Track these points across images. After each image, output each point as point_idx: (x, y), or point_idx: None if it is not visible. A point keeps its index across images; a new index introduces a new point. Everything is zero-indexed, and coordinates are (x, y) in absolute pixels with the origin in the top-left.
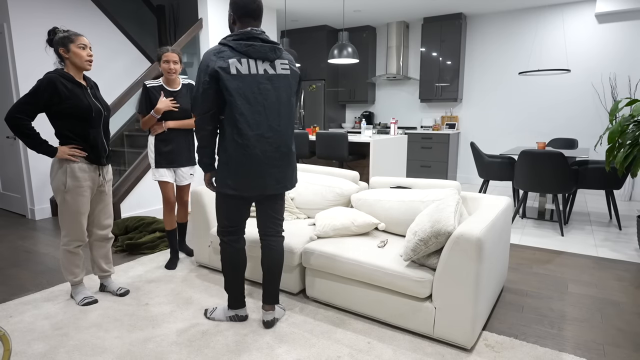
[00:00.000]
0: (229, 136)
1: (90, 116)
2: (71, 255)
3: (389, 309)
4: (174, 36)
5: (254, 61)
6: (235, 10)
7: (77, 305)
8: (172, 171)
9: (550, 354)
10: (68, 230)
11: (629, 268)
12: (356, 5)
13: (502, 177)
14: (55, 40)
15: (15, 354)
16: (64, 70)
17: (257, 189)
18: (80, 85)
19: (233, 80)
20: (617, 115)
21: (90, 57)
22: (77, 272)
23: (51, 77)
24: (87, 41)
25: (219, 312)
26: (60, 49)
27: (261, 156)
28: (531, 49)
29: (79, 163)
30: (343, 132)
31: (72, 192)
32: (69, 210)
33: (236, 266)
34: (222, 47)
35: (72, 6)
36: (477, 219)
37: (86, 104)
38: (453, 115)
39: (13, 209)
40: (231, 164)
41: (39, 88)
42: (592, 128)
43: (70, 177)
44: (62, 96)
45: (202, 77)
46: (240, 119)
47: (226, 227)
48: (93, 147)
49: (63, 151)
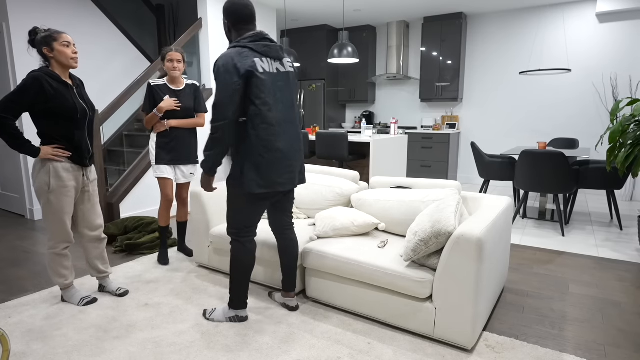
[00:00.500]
0: (258, 135)
1: (75, 117)
2: (59, 258)
3: (389, 310)
4: (173, 36)
5: (271, 60)
6: (230, 18)
7: (77, 306)
8: (172, 169)
9: (551, 355)
10: (54, 233)
11: (630, 268)
12: (356, 4)
13: (502, 177)
14: (37, 40)
15: (14, 355)
16: (49, 69)
17: (288, 184)
18: (67, 85)
19: (262, 79)
20: (618, 115)
21: (75, 54)
22: (66, 274)
23: (37, 76)
24: (71, 38)
25: (218, 313)
26: (44, 49)
27: (287, 151)
28: (532, 48)
29: (62, 163)
30: (343, 132)
31: (56, 192)
32: (53, 212)
33: (248, 267)
34: (241, 49)
35: (72, 6)
36: (477, 219)
37: (72, 104)
38: (453, 115)
39: (12, 209)
40: (261, 162)
41: (25, 87)
42: (593, 128)
43: (54, 177)
44: (48, 95)
45: (230, 79)
46: (270, 115)
47: (243, 229)
48: (77, 148)
49: (46, 151)
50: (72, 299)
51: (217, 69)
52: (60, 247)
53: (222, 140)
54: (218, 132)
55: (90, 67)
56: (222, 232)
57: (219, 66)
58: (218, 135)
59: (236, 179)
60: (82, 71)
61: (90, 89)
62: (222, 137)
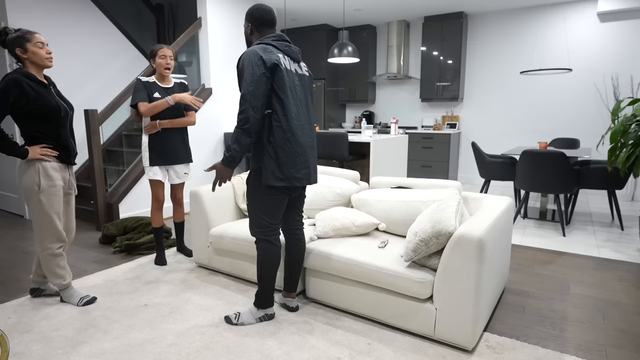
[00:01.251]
0: (282, 127)
1: (59, 116)
2: (54, 258)
3: (389, 310)
4: (172, 35)
5: (291, 61)
6: (253, 21)
7: (77, 306)
8: (165, 170)
9: (552, 355)
10: (47, 233)
11: (631, 269)
12: (356, 4)
13: (503, 177)
14: (8, 41)
15: (13, 355)
16: (23, 69)
17: (304, 179)
18: (45, 85)
19: (285, 74)
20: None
21: (50, 54)
22: (64, 274)
23: (15, 78)
24: (44, 39)
25: (246, 316)
26: (17, 50)
27: (305, 147)
28: (533, 48)
29: (51, 162)
30: (343, 132)
31: (46, 192)
32: (44, 212)
33: (277, 264)
34: (266, 46)
35: (71, 6)
36: (478, 220)
37: (54, 104)
38: (454, 115)
39: (10, 210)
40: (282, 155)
41: (5, 90)
42: (594, 128)
43: (43, 176)
44: (30, 97)
45: (259, 70)
46: (292, 109)
47: (268, 226)
48: (64, 147)
49: (35, 151)
50: (71, 299)
51: (243, 62)
52: (54, 247)
53: (250, 131)
54: (246, 123)
55: (89, 67)
56: (222, 232)
57: (245, 59)
58: (247, 126)
59: (257, 170)
60: (82, 71)
61: (89, 88)
62: (250, 129)
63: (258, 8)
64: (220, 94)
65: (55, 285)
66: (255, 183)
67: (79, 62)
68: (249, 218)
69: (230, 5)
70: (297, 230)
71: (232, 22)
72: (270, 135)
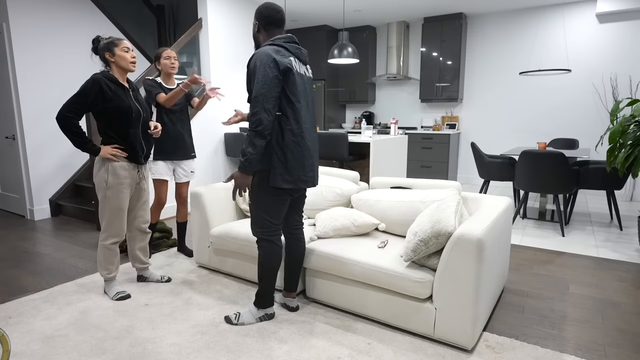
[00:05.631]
0: (292, 130)
1: (130, 117)
2: (107, 252)
3: (389, 310)
4: (173, 36)
5: (301, 63)
6: (261, 20)
7: (111, 300)
8: (170, 168)
9: (551, 355)
10: (107, 226)
11: (630, 269)
12: (356, 5)
13: (502, 177)
14: (100, 47)
15: (14, 355)
16: (109, 72)
17: (309, 181)
18: (124, 87)
19: (297, 77)
20: (618, 115)
21: (134, 58)
22: (112, 268)
23: (96, 78)
24: (130, 44)
25: (246, 316)
26: (106, 54)
27: (312, 150)
28: (532, 48)
29: (120, 162)
30: (343, 132)
31: (113, 189)
32: (109, 206)
33: (278, 264)
34: (277, 47)
35: (72, 6)
36: (477, 220)
37: (127, 105)
38: (453, 116)
39: (12, 210)
40: (290, 158)
41: (86, 88)
42: (593, 128)
43: (111, 174)
44: (106, 97)
45: (272, 72)
46: (302, 113)
47: (271, 226)
48: (132, 146)
49: (106, 150)
50: (109, 292)
51: (255, 63)
52: (109, 241)
53: (264, 133)
54: (260, 125)
55: (90, 67)
56: (222, 232)
57: (257, 60)
58: (260, 128)
59: (263, 172)
60: (82, 71)
61: None
62: (263, 130)
63: (267, 7)
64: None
65: (100, 274)
66: (260, 184)
67: (79, 62)
68: (251, 218)
69: (231, 6)
70: (297, 231)
71: (232, 22)
72: (280, 137)
